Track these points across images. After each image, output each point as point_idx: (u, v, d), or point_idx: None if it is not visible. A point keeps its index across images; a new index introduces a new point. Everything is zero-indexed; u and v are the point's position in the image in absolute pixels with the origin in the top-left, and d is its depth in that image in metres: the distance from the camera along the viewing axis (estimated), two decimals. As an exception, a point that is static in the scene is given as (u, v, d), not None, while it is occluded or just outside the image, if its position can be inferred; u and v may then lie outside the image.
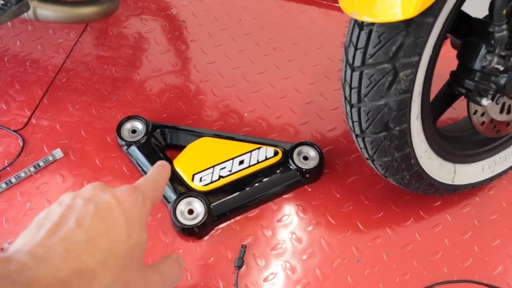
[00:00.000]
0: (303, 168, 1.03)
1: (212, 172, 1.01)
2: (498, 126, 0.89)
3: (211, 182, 1.00)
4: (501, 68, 0.71)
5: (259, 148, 1.04)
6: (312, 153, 1.05)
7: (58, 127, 1.15)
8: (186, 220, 0.96)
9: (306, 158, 1.05)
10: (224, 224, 1.00)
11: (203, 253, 0.97)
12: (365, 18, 0.67)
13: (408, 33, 0.68)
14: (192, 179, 1.00)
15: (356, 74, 0.74)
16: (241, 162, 1.02)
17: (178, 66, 1.28)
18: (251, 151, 1.04)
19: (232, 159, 1.03)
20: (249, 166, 1.02)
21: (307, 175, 1.03)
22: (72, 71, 1.26)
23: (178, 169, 1.02)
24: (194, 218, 0.96)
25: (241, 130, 1.14)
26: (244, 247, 0.96)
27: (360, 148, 0.86)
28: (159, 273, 0.44)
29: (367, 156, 0.86)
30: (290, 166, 1.03)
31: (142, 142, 1.06)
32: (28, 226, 0.38)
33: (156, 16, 1.38)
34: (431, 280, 0.94)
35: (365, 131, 0.80)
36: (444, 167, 0.92)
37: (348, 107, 0.80)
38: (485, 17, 0.78)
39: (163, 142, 1.08)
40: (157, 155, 1.05)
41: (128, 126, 1.10)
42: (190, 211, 0.97)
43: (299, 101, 1.20)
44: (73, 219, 0.38)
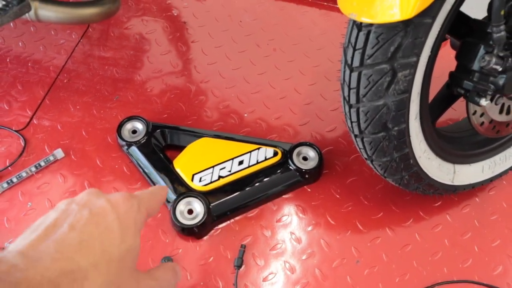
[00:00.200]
0: (302, 169, 1.03)
1: (212, 172, 1.01)
2: (498, 127, 0.89)
3: (211, 182, 1.00)
4: (499, 68, 0.71)
5: (258, 149, 1.05)
6: (311, 153, 1.06)
7: (59, 127, 1.16)
8: (185, 220, 0.96)
9: (305, 159, 1.06)
10: (224, 224, 1.00)
11: (203, 252, 0.97)
12: (363, 19, 0.68)
13: (406, 33, 0.68)
14: (192, 179, 1.01)
15: (354, 75, 0.75)
16: (240, 163, 1.03)
17: (178, 67, 1.28)
18: (250, 152, 1.04)
19: (232, 159, 1.03)
20: (248, 167, 1.02)
21: (307, 176, 1.03)
22: (74, 72, 1.27)
23: (178, 169, 1.03)
24: (193, 218, 0.96)
25: (241, 131, 1.14)
26: (244, 247, 0.96)
27: (359, 148, 0.86)
28: (153, 279, 0.44)
29: (366, 156, 0.86)
30: (290, 167, 1.03)
31: (143, 142, 1.07)
32: (24, 231, 0.38)
33: (157, 17, 1.39)
34: (431, 280, 0.94)
35: (363, 131, 0.80)
36: (444, 167, 0.92)
37: (347, 108, 0.80)
38: (484, 18, 0.79)
39: (163, 142, 1.09)
40: (157, 155, 1.05)
41: (128, 126, 1.10)
42: (190, 211, 0.97)
43: (299, 102, 1.20)
44: (66, 223, 0.38)
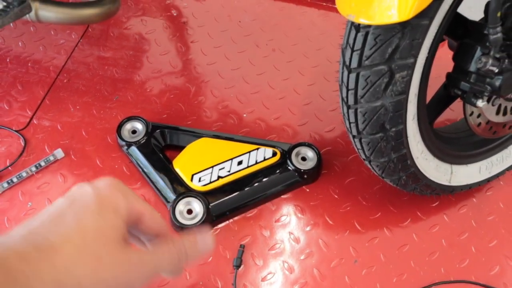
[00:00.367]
0: (301, 169, 1.03)
1: (211, 173, 1.02)
2: (495, 128, 0.89)
3: (210, 182, 1.01)
4: (496, 70, 0.71)
5: (257, 149, 1.05)
6: (310, 154, 1.06)
7: (59, 127, 1.16)
8: (185, 220, 0.97)
9: (304, 159, 1.06)
10: (223, 224, 1.01)
11: (202, 252, 0.97)
12: (361, 20, 0.68)
13: (403, 35, 0.69)
14: (191, 179, 1.01)
15: (352, 76, 0.75)
16: (239, 163, 1.03)
17: (178, 67, 1.29)
18: (249, 152, 1.05)
19: (231, 159, 1.04)
20: (247, 167, 1.03)
21: (305, 176, 1.04)
22: (73, 72, 1.27)
23: (177, 169, 1.03)
24: (193, 218, 0.97)
25: (240, 131, 1.15)
26: (243, 247, 0.97)
27: (357, 149, 0.86)
28: (151, 254, 0.41)
29: (364, 157, 0.87)
30: (288, 167, 1.04)
31: (142, 142, 1.07)
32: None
33: (157, 18, 1.39)
34: (428, 280, 0.95)
35: (361, 132, 0.80)
36: (441, 168, 0.92)
37: (345, 108, 0.81)
38: (481, 19, 0.79)
39: (163, 142, 1.09)
40: (156, 156, 1.06)
41: (128, 126, 1.11)
42: (189, 211, 0.98)
43: (298, 102, 1.21)
44: (44, 210, 0.39)
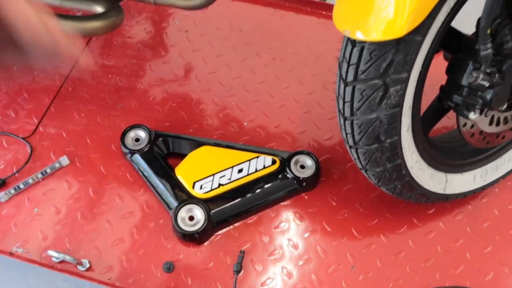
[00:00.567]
0: (300, 177, 1.06)
1: (212, 180, 1.05)
2: (488, 138, 0.92)
3: (211, 190, 1.04)
4: (486, 84, 0.74)
5: (257, 157, 1.08)
6: (308, 162, 1.09)
7: (64, 135, 1.19)
8: (187, 226, 1.00)
9: (303, 167, 1.09)
10: (224, 230, 1.04)
11: (203, 258, 1.00)
12: (357, 36, 0.71)
13: (397, 50, 0.71)
14: (193, 187, 1.04)
15: (349, 89, 0.78)
16: (240, 171, 1.06)
17: (180, 75, 1.31)
18: (250, 160, 1.07)
19: (232, 167, 1.06)
20: (248, 175, 1.05)
21: (304, 183, 1.07)
22: (78, 80, 1.30)
23: (179, 176, 1.06)
24: (194, 225, 1.00)
25: (241, 139, 1.18)
26: (243, 253, 0.99)
27: (354, 158, 0.89)
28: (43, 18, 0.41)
29: (360, 166, 0.89)
30: (288, 175, 1.07)
31: (145, 150, 1.10)
32: None
33: (159, 27, 1.42)
34: (423, 286, 0.97)
35: (357, 142, 0.83)
36: (436, 176, 0.95)
37: (341, 120, 0.83)
38: (473, 34, 0.81)
39: (165, 150, 1.12)
40: (159, 163, 1.09)
41: (131, 134, 1.14)
42: (191, 218, 1.01)
43: (297, 110, 1.23)
44: None
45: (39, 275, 1.12)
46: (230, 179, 1.05)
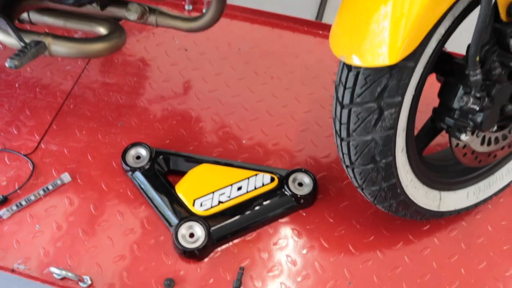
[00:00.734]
0: (297, 194, 1.08)
1: (212, 198, 1.07)
2: (480, 157, 0.95)
3: (211, 207, 1.06)
4: (476, 108, 0.77)
5: (256, 175, 1.10)
6: (306, 179, 1.11)
7: (66, 152, 1.21)
8: (187, 243, 1.01)
9: (300, 185, 1.11)
10: (223, 246, 1.05)
11: (203, 274, 1.02)
12: (353, 62, 0.74)
13: (391, 76, 0.75)
14: (193, 204, 1.06)
15: (345, 111, 0.81)
16: (239, 188, 1.08)
17: (180, 94, 1.34)
18: (248, 178, 1.10)
19: (231, 185, 1.08)
20: (247, 192, 1.08)
21: (302, 201, 1.09)
22: (80, 98, 1.32)
23: (179, 194, 1.08)
24: (195, 242, 1.02)
25: (239, 156, 1.20)
26: (242, 269, 1.01)
27: (350, 177, 0.92)
28: None
29: (357, 185, 0.92)
30: (286, 192, 1.09)
31: (146, 168, 1.12)
32: None
33: (159, 45, 1.45)
34: (419, 301, 0.99)
35: (354, 162, 0.86)
36: (430, 194, 0.98)
37: (338, 140, 0.86)
38: (463, 58, 0.84)
39: (166, 168, 1.14)
40: (160, 181, 1.11)
41: (132, 152, 1.16)
42: (191, 235, 1.03)
43: (294, 128, 1.26)
44: None
45: (41, 292, 1.13)
46: (229, 196, 1.07)
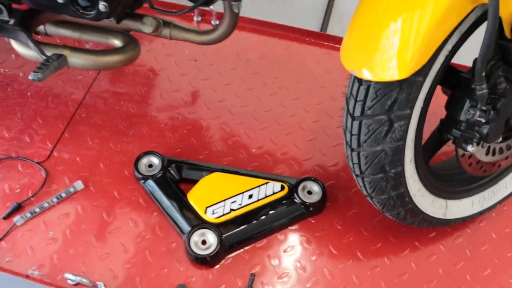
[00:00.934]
0: (307, 202, 1.11)
1: (224, 205, 1.09)
2: (485, 167, 0.97)
3: (223, 215, 1.08)
4: (483, 120, 0.80)
5: (266, 183, 1.13)
6: (315, 188, 1.14)
7: (78, 160, 1.23)
8: (199, 250, 1.04)
9: (310, 193, 1.14)
10: (234, 253, 1.08)
11: (215, 280, 1.04)
12: (364, 76, 0.77)
13: (401, 90, 0.78)
14: (205, 212, 1.09)
15: (356, 123, 0.84)
16: (250, 196, 1.11)
17: (190, 103, 1.37)
18: (259, 186, 1.12)
19: (242, 193, 1.11)
20: (257, 200, 1.10)
21: (311, 208, 1.12)
22: (91, 107, 1.35)
23: (191, 202, 1.11)
24: (207, 248, 1.04)
25: (249, 165, 1.23)
26: (253, 276, 1.04)
27: (360, 186, 0.94)
28: None
29: (366, 193, 0.94)
30: (295, 200, 1.12)
31: (158, 176, 1.15)
32: None
33: (169, 56, 1.48)
34: (426, 307, 1.01)
35: (364, 172, 0.89)
36: (437, 203, 1.00)
37: (349, 151, 0.89)
38: (469, 72, 0.88)
39: (177, 176, 1.17)
40: (172, 189, 1.13)
41: (145, 161, 1.18)
42: (204, 242, 1.05)
43: (303, 137, 1.29)
44: None
45: (55, 298, 1.15)
46: (241, 204, 1.10)
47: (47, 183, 1.18)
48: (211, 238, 1.05)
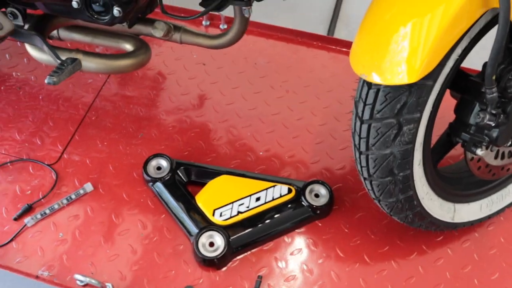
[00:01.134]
0: (314, 205, 1.12)
1: (232, 208, 1.10)
2: (494, 170, 0.98)
3: (231, 217, 1.09)
4: (492, 124, 0.80)
5: (274, 186, 1.14)
6: (322, 191, 1.14)
7: (88, 162, 1.25)
8: (207, 252, 1.04)
9: (317, 196, 1.14)
10: (241, 255, 1.08)
11: (222, 282, 1.05)
12: (373, 79, 0.77)
13: (410, 93, 0.78)
14: (213, 214, 1.09)
15: (365, 126, 0.84)
16: (257, 199, 1.12)
17: (198, 106, 1.38)
18: (267, 189, 1.13)
19: (250, 196, 1.12)
20: (265, 203, 1.11)
21: (318, 211, 1.12)
22: (101, 110, 1.37)
23: (199, 204, 1.12)
24: (214, 250, 1.05)
25: (257, 168, 1.23)
26: (260, 278, 1.04)
27: (368, 189, 0.95)
28: None
29: (374, 196, 0.95)
30: (303, 203, 1.12)
31: (167, 178, 1.16)
32: None
33: (178, 59, 1.49)
34: (433, 311, 1.01)
35: (372, 175, 0.89)
36: (445, 206, 1.00)
37: (357, 154, 0.89)
38: (479, 75, 0.88)
39: (186, 178, 1.18)
40: (180, 191, 1.14)
41: (153, 163, 1.19)
42: (211, 244, 1.06)
43: (310, 141, 1.30)
44: None
45: (64, 298, 1.16)
46: (248, 207, 1.10)
47: (57, 185, 1.20)
48: (219, 240, 1.05)
